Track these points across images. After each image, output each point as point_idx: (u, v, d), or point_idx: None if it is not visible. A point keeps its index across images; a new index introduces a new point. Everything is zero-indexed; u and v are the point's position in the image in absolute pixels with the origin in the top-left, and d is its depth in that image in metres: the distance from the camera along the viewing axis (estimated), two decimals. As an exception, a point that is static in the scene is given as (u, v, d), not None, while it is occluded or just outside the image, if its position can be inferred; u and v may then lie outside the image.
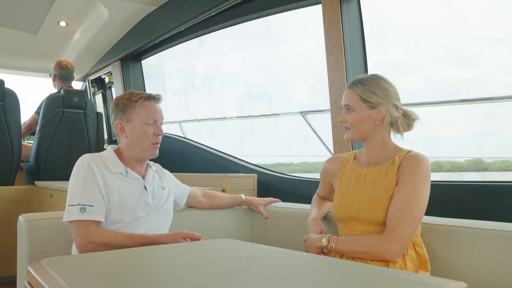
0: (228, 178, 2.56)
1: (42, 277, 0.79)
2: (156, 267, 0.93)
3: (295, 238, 1.87)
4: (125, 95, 1.62)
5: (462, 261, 1.38)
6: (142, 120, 1.58)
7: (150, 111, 1.59)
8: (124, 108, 1.59)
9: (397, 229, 1.33)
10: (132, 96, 1.60)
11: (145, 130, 1.58)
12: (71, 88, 3.48)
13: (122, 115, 1.59)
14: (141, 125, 1.58)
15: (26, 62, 4.80)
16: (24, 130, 3.47)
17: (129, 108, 1.59)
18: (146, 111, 1.59)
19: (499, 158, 2.42)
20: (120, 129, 1.60)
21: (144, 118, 1.58)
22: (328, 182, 1.71)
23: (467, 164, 2.49)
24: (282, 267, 0.93)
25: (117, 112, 1.61)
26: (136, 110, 1.58)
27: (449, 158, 2.59)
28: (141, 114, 1.58)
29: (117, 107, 1.61)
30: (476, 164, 2.47)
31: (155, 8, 3.43)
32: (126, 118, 1.59)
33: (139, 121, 1.58)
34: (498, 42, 2.11)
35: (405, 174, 1.40)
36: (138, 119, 1.58)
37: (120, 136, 1.63)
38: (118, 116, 1.61)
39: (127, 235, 1.46)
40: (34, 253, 1.52)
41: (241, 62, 4.10)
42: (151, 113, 1.59)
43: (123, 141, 1.62)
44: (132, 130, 1.58)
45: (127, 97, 1.61)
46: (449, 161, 2.60)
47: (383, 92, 1.47)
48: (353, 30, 2.21)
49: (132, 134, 1.58)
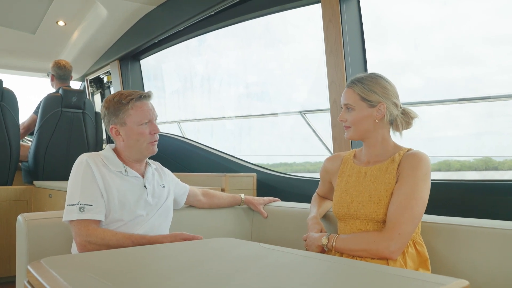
0: (227, 177, 2.55)
1: (42, 276, 0.79)
2: (156, 266, 0.93)
3: (294, 237, 1.87)
4: (114, 97, 1.57)
5: (463, 260, 1.38)
6: (136, 121, 1.55)
7: (143, 111, 1.56)
8: (116, 111, 1.55)
9: (397, 226, 1.33)
10: (122, 97, 1.55)
11: (141, 131, 1.55)
12: (70, 87, 3.47)
13: (115, 119, 1.56)
14: (136, 127, 1.55)
15: (25, 61, 4.79)
16: (23, 130, 3.45)
17: (121, 111, 1.55)
18: (139, 112, 1.55)
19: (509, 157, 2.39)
20: (116, 133, 1.58)
21: (138, 120, 1.55)
22: (327, 181, 1.71)
23: (477, 163, 2.46)
24: (283, 265, 0.93)
25: (109, 116, 1.57)
26: (129, 113, 1.54)
27: (457, 157, 2.56)
28: (134, 116, 1.54)
29: (109, 111, 1.57)
30: (486, 163, 2.44)
31: (154, 7, 3.43)
32: (119, 122, 1.56)
33: (133, 123, 1.55)
34: (497, 41, 2.11)
35: (405, 172, 1.40)
36: (132, 122, 1.55)
37: (116, 139, 1.60)
38: (111, 121, 1.57)
39: (127, 235, 1.45)
40: (33, 252, 1.51)
41: (240, 61, 4.10)
42: (144, 113, 1.56)
43: (120, 144, 1.60)
44: (128, 133, 1.56)
45: (117, 100, 1.56)
46: (458, 160, 2.58)
47: (382, 91, 1.47)
48: (352, 29, 2.21)
49: (128, 137, 1.56)
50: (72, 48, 4.39)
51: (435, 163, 2.64)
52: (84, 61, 4.62)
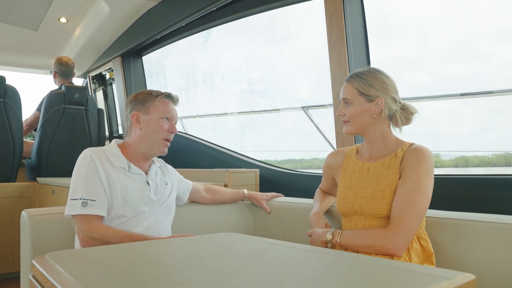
0: (230, 173, 2.55)
1: (47, 270, 0.79)
2: (160, 261, 0.93)
3: (297, 232, 1.87)
4: (145, 91, 1.68)
5: (467, 254, 1.38)
6: (160, 114, 1.61)
7: (168, 107, 1.64)
8: (143, 100, 1.63)
9: (402, 222, 1.33)
10: (153, 92, 1.66)
11: (161, 124, 1.61)
12: (72, 84, 3.47)
13: (141, 107, 1.63)
14: (158, 119, 1.61)
15: (27, 58, 4.80)
16: (26, 127, 3.46)
17: (148, 101, 1.63)
18: (165, 106, 1.63)
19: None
20: (136, 119, 1.62)
21: (162, 113, 1.62)
22: (330, 177, 1.71)
23: (496, 159, 2.41)
24: (287, 260, 0.92)
25: (135, 103, 1.64)
26: (155, 104, 1.62)
27: (476, 153, 2.51)
28: (160, 108, 1.62)
29: (137, 100, 1.65)
30: (506, 158, 2.38)
31: (156, 3, 3.42)
32: (144, 110, 1.62)
33: (156, 115, 1.61)
34: (505, 37, 2.08)
35: (409, 167, 1.39)
36: (155, 113, 1.61)
37: (133, 127, 1.63)
38: (135, 108, 1.63)
39: (128, 234, 1.46)
40: (38, 248, 1.52)
41: (243, 57, 4.08)
42: (168, 109, 1.63)
43: (135, 133, 1.62)
44: (148, 123, 1.61)
45: (148, 92, 1.66)
46: (477, 156, 2.52)
47: (380, 85, 1.46)
48: (355, 23, 2.20)
49: (147, 126, 1.61)
50: (74, 45, 4.39)
51: (452, 158, 2.60)
52: (86, 57, 4.62)
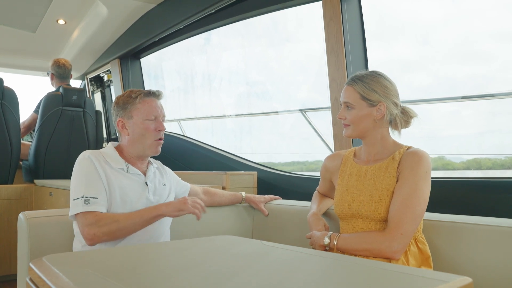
0: (228, 175, 2.55)
1: (44, 273, 0.79)
2: (157, 263, 0.93)
3: (295, 235, 1.87)
4: (125, 93, 1.63)
5: (464, 257, 1.38)
6: (143, 116, 1.58)
7: (150, 106, 1.59)
8: (124, 105, 1.60)
9: (399, 226, 1.33)
10: (132, 93, 1.61)
11: (146, 126, 1.58)
12: (70, 86, 3.47)
13: (123, 112, 1.60)
14: (142, 121, 1.58)
15: (25, 60, 4.79)
16: (24, 129, 3.46)
17: (129, 104, 1.59)
18: (147, 107, 1.59)
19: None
20: (122, 126, 1.61)
21: (145, 114, 1.58)
22: (328, 179, 1.71)
23: (510, 162, 2.38)
24: (285, 263, 0.93)
25: (118, 110, 1.62)
26: (136, 107, 1.58)
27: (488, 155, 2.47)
28: (142, 110, 1.58)
29: (118, 105, 1.62)
30: None
31: (154, 5, 3.42)
32: (127, 115, 1.59)
33: (139, 118, 1.58)
34: (506, 38, 2.07)
35: (406, 170, 1.39)
36: (138, 115, 1.58)
37: (121, 133, 1.62)
38: (119, 114, 1.61)
39: (134, 212, 1.47)
40: (35, 250, 1.51)
41: (241, 59, 4.09)
42: (151, 109, 1.59)
43: (125, 138, 1.62)
44: (134, 127, 1.58)
45: (127, 95, 1.62)
46: (489, 159, 2.49)
47: (383, 90, 1.46)
48: (353, 27, 2.21)
49: (133, 131, 1.58)
50: (72, 46, 4.38)
51: (464, 161, 2.56)
52: (85, 59, 4.62)
